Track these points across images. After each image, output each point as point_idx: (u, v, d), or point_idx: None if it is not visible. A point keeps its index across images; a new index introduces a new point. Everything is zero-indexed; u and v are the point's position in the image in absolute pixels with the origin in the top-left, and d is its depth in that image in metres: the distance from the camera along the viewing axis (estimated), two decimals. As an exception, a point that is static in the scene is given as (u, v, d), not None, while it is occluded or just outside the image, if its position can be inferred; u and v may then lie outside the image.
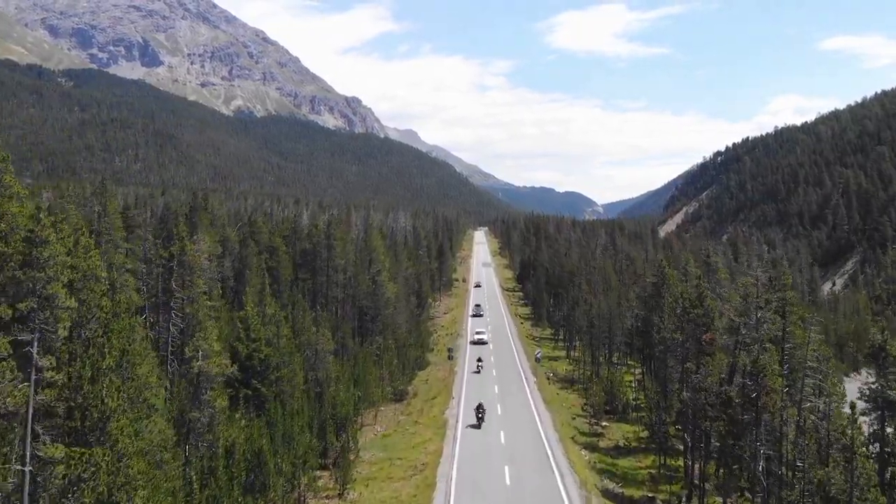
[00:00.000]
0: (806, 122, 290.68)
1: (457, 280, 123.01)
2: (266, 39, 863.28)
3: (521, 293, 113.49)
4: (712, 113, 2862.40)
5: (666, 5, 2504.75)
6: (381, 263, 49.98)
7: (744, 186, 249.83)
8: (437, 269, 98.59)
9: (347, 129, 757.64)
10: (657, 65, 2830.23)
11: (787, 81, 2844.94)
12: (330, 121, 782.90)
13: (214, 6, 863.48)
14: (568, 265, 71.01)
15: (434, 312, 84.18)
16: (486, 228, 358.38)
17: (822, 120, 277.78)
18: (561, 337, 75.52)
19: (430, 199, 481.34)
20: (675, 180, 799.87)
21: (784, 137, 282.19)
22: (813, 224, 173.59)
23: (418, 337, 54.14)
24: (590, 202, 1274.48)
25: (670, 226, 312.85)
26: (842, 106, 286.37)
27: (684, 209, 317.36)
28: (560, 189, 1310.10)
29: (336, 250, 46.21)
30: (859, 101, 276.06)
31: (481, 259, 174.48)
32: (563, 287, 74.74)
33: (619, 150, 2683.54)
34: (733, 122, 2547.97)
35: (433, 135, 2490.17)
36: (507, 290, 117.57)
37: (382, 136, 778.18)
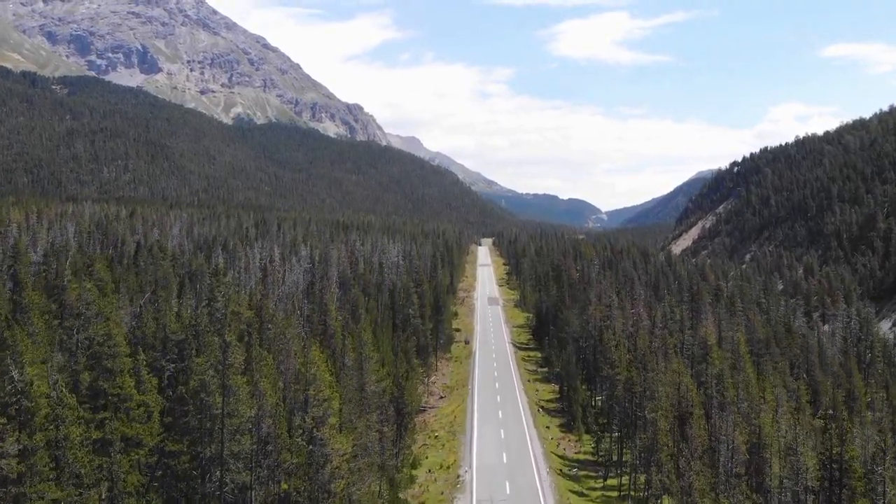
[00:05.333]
0: (828, 132, 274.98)
1: (458, 331, 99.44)
2: (266, 46, 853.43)
3: (537, 352, 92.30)
4: (713, 120, 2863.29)
5: (667, 13, 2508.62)
6: (326, 405, 28.96)
7: (767, 201, 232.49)
8: (434, 329, 79.63)
9: (349, 136, 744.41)
10: (658, 72, 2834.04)
11: (788, 89, 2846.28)
12: (331, 128, 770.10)
13: (215, 12, 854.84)
14: (618, 359, 50.39)
15: (427, 400, 63.85)
16: (491, 242, 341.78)
17: (848, 129, 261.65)
18: (613, 459, 50.18)
19: (431, 210, 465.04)
20: (680, 187, 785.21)
21: (807, 148, 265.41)
22: (854, 247, 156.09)
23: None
24: (593, 209, 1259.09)
25: (685, 241, 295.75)
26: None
27: (700, 223, 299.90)
28: (564, 196, 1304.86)
29: (238, 394, 26.37)
30: (886, 109, 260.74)
31: (487, 292, 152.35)
32: (607, 376, 54.07)
33: (620, 157, 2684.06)
34: (734, 128, 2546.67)
35: (436, 142, 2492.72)
36: (519, 348, 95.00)
37: (384, 143, 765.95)
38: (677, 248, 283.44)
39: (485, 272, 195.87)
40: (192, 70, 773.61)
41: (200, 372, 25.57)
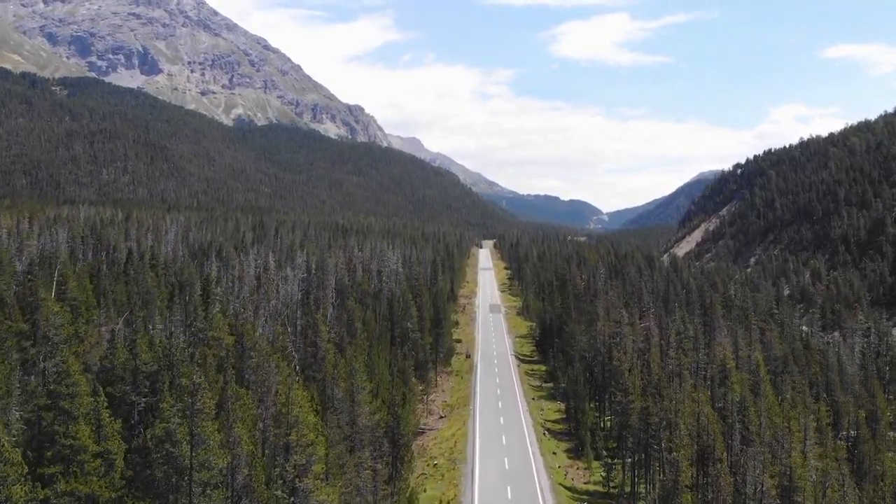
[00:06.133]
0: (833, 133, 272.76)
1: (458, 342, 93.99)
2: (267, 47, 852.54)
3: (541, 365, 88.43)
4: (714, 121, 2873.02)
5: (668, 14, 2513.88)
6: (310, 450, 25.89)
7: (771, 203, 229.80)
8: (433, 343, 75.63)
9: (350, 137, 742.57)
10: (659, 73, 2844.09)
11: (789, 90, 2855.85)
12: (332, 129, 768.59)
13: (216, 13, 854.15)
14: (630, 384, 46.98)
15: (426, 421, 60.37)
16: (492, 244, 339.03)
17: (853, 131, 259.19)
18: (625, 491, 45.01)
19: (431, 211, 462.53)
20: (682, 188, 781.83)
21: (812, 150, 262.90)
22: (862, 252, 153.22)
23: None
24: (594, 210, 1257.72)
25: (689, 243, 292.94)
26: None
27: (703, 226, 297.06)
28: (565, 197, 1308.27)
29: (209, 444, 23.47)
30: (891, 111, 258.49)
31: (488, 298, 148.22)
32: (619, 402, 49.68)
33: (621, 158, 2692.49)
34: (735, 129, 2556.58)
35: (437, 143, 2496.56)
36: (522, 360, 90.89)
37: (385, 144, 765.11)
38: (680, 250, 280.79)
39: (486, 276, 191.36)
40: (192, 71, 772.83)
41: (166, 418, 22.78)
